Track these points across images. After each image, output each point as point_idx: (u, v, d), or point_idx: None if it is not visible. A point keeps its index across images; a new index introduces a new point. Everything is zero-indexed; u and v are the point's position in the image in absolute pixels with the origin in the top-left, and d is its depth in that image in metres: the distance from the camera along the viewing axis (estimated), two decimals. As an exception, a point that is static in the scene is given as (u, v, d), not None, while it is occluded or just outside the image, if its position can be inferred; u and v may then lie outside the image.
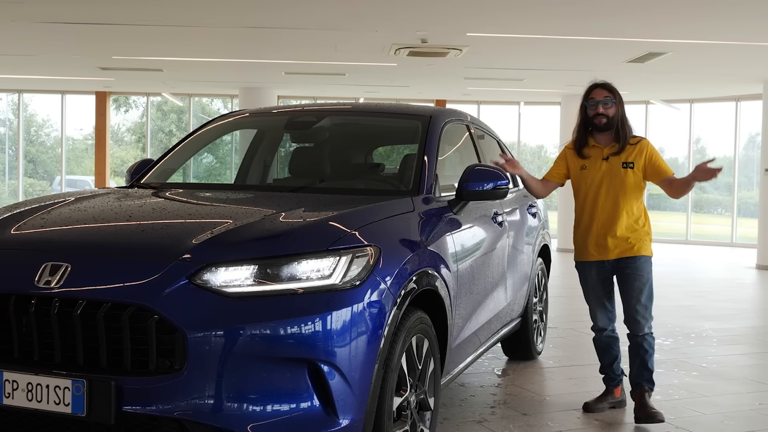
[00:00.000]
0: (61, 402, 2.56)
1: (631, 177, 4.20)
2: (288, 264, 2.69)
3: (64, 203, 3.35)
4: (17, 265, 2.78)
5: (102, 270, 2.66)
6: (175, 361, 2.53)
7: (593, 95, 4.25)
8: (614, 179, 4.20)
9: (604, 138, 4.27)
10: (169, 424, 2.54)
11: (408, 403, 3.11)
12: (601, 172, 4.23)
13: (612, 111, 4.21)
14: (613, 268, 4.27)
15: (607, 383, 4.46)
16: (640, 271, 4.20)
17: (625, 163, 4.20)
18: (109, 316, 2.56)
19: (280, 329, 2.60)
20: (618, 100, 4.25)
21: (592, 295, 4.39)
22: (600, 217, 4.22)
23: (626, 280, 4.22)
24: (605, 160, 4.23)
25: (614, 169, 4.21)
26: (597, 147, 4.27)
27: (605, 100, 4.21)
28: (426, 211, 3.55)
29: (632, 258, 4.21)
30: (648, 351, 4.22)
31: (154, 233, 2.92)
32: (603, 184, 4.22)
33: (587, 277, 4.37)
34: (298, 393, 2.61)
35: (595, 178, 4.24)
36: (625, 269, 4.22)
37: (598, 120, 4.21)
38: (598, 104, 4.21)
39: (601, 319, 4.39)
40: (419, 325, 3.15)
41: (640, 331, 4.20)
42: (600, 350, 4.44)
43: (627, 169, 4.19)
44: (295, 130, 4.55)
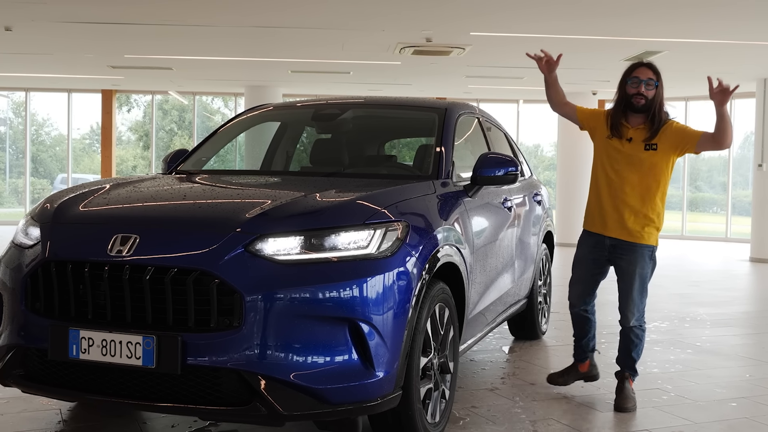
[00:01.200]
0: (132, 356, 2.92)
1: (653, 158, 4.07)
2: (330, 235, 3.05)
3: (119, 185, 3.71)
4: (90, 237, 3.14)
5: (167, 240, 3.03)
6: (234, 319, 2.89)
7: (637, 73, 4.10)
8: (634, 161, 4.08)
9: (635, 119, 4.12)
10: (228, 374, 2.90)
11: (432, 364, 3.47)
12: (623, 153, 4.11)
13: (652, 93, 4.06)
14: (612, 251, 4.19)
15: (575, 356, 4.48)
16: (638, 262, 4.13)
17: (647, 145, 4.07)
18: (175, 280, 2.92)
19: (324, 292, 2.96)
20: (660, 83, 4.11)
21: (578, 268, 4.34)
22: (614, 193, 4.13)
23: (621, 267, 4.18)
24: (628, 141, 4.10)
25: (635, 151, 4.08)
26: (624, 126, 4.14)
27: (648, 81, 4.06)
28: (444, 194, 3.91)
29: (633, 245, 4.13)
30: (633, 342, 4.23)
31: (211, 209, 3.29)
32: (621, 165, 4.11)
33: (582, 248, 4.32)
34: (339, 348, 2.97)
35: (617, 157, 4.13)
36: (624, 256, 4.15)
37: (637, 100, 4.06)
38: (641, 83, 4.06)
39: (573, 294, 4.36)
40: (441, 295, 3.51)
41: (627, 322, 4.21)
42: (573, 322, 4.45)
43: (649, 150, 4.07)
44: (321, 122, 4.92)
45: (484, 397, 4.34)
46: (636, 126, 4.13)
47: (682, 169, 18.93)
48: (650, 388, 4.63)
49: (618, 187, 4.12)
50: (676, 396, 4.47)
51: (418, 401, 3.29)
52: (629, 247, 4.15)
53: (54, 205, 3.42)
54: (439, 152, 4.18)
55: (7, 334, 3.27)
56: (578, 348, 4.45)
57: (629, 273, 4.15)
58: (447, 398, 3.64)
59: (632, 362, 4.29)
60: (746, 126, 18.27)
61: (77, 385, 3.10)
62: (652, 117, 4.09)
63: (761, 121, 14.06)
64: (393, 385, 3.09)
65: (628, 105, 4.10)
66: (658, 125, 4.08)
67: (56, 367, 3.13)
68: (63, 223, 3.27)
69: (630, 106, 4.09)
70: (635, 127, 4.13)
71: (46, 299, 3.13)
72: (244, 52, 12.54)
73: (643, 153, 4.08)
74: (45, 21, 10.05)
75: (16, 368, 3.23)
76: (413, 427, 3.30)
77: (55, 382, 3.15)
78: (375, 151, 4.92)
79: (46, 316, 3.11)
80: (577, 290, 4.36)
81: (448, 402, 3.66)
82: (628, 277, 4.16)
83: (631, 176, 4.10)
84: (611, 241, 4.19)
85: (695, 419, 4.02)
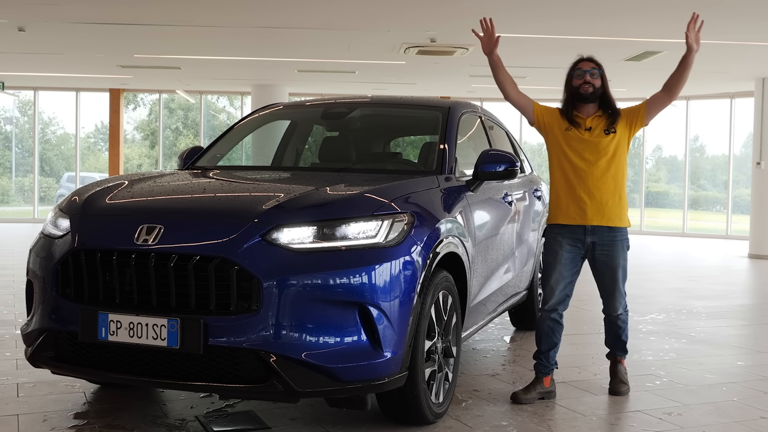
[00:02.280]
0: (158, 337, 3.15)
1: (615, 142, 4.18)
2: (341, 226, 3.28)
3: (141, 180, 3.94)
4: (118, 228, 3.37)
5: (190, 230, 3.26)
6: (252, 303, 3.11)
7: (580, 66, 4.27)
8: (595, 148, 4.16)
9: (588, 109, 4.23)
10: (247, 354, 3.13)
11: (436, 347, 3.70)
12: (583, 141, 4.18)
13: (598, 81, 4.22)
14: (590, 246, 4.19)
15: (538, 371, 4.27)
16: (616, 252, 4.18)
17: (606, 130, 4.19)
18: (198, 267, 3.14)
19: (336, 278, 3.19)
20: (603, 73, 4.27)
21: (553, 270, 4.23)
22: (586, 182, 4.15)
23: (602, 261, 4.20)
24: (587, 130, 4.19)
25: (596, 138, 4.17)
26: (580, 118, 4.23)
27: (591, 71, 4.22)
28: (447, 188, 4.13)
29: (612, 232, 4.17)
30: (621, 327, 4.38)
31: (229, 201, 3.53)
32: (584, 154, 4.16)
33: (558, 254, 4.21)
34: (349, 330, 3.20)
35: (577, 147, 4.19)
36: (604, 251, 4.18)
37: (584, 89, 4.20)
38: (585, 73, 4.22)
39: (552, 297, 4.23)
40: (444, 283, 3.74)
41: (615, 311, 4.33)
42: (541, 333, 4.28)
43: (610, 134, 4.18)
44: (330, 120, 5.15)
45: (486, 382, 4.57)
46: (590, 116, 4.23)
47: (684, 167, 19.12)
48: (644, 374, 4.85)
49: (589, 176, 4.15)
50: (669, 381, 4.68)
51: (423, 381, 3.52)
52: (609, 238, 4.18)
53: (82, 198, 3.65)
54: (442, 149, 4.40)
55: (38, 319, 3.51)
56: (543, 361, 4.27)
57: (612, 267, 4.21)
58: (450, 381, 3.87)
59: (623, 344, 4.45)
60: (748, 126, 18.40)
61: (105, 365, 3.34)
62: (606, 104, 4.24)
63: (759, 120, 14.27)
64: (400, 366, 3.32)
65: (577, 97, 4.22)
66: (615, 112, 4.22)
67: (85, 349, 3.36)
68: (91, 215, 3.51)
69: (579, 96, 4.21)
70: (590, 116, 4.23)
71: (76, 285, 3.36)
72: (251, 52, 12.78)
73: (605, 138, 4.18)
74: (57, 21, 10.29)
75: (47, 350, 3.47)
76: (418, 406, 3.53)
77: (85, 363, 3.39)
78: (381, 148, 5.16)
79: (76, 302, 3.34)
80: (556, 292, 4.23)
81: (451, 384, 3.88)
82: (612, 271, 4.22)
83: (600, 162, 4.15)
84: (592, 236, 4.18)
85: (685, 402, 4.24)
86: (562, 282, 4.22)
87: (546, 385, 4.26)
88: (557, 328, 4.29)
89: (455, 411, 3.94)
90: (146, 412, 3.85)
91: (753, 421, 3.92)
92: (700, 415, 4.01)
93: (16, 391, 4.18)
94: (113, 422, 3.66)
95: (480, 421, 3.82)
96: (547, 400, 4.21)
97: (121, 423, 3.65)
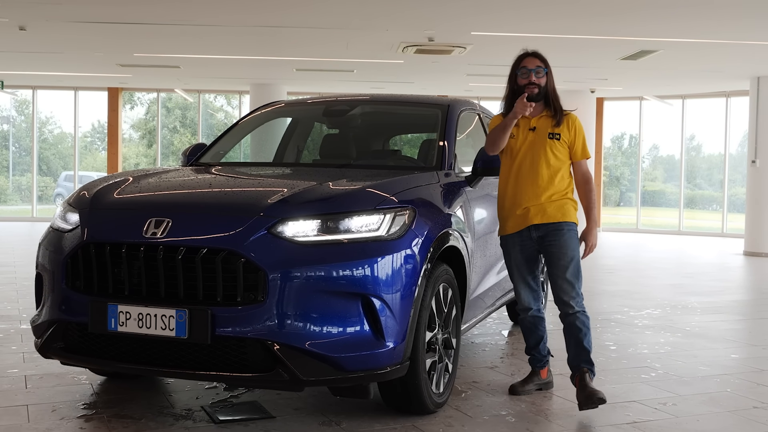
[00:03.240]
0: (167, 327, 3.23)
1: (557, 147, 3.99)
2: (344, 219, 3.37)
3: (148, 175, 4.02)
4: (126, 221, 3.46)
5: (197, 223, 3.34)
6: (258, 294, 3.20)
7: (525, 63, 4.06)
8: (540, 149, 3.98)
9: (534, 109, 4.02)
10: (253, 344, 3.22)
11: (436, 339, 3.79)
12: (527, 143, 4.01)
13: (544, 81, 4.03)
14: (538, 240, 4.03)
15: (533, 364, 4.28)
16: (565, 243, 3.96)
17: (551, 133, 4.00)
18: (205, 259, 3.23)
19: (340, 270, 3.28)
20: (549, 70, 4.09)
21: (515, 271, 4.13)
22: (523, 187, 4.00)
23: (551, 254, 3.99)
24: (532, 130, 4.02)
25: (540, 140, 4.00)
26: (525, 118, 4.03)
27: (537, 69, 4.03)
28: (447, 183, 4.23)
29: (556, 225, 3.97)
30: (581, 329, 3.98)
31: (235, 195, 3.62)
32: (528, 155, 4.00)
33: (511, 252, 4.12)
34: (353, 320, 3.29)
35: (522, 149, 4.02)
36: (550, 241, 3.98)
37: (530, 90, 3.99)
38: (530, 72, 4.01)
39: (526, 298, 4.14)
40: (445, 276, 3.83)
41: (569, 309, 3.97)
42: (525, 330, 4.24)
43: (553, 140, 3.99)
44: (331, 117, 5.24)
45: (485, 374, 4.66)
46: (536, 115, 4.05)
47: (680, 166, 19.24)
48: (639, 366, 4.94)
49: (531, 180, 3.98)
50: (664, 373, 4.78)
51: (424, 371, 3.61)
52: (555, 230, 3.98)
53: (91, 192, 3.74)
54: (442, 145, 4.50)
55: (47, 311, 3.59)
56: (536, 355, 4.26)
57: (562, 255, 3.96)
58: (450, 372, 3.96)
59: (586, 354, 3.99)
60: (744, 125, 18.50)
61: (114, 355, 3.42)
62: (547, 103, 4.06)
63: (754, 118, 14.39)
64: (402, 356, 3.41)
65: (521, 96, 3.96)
66: (561, 112, 4.03)
67: (94, 340, 3.45)
68: (100, 209, 3.59)
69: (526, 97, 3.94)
70: (535, 116, 4.05)
71: (85, 278, 3.44)
72: (250, 51, 12.86)
73: (548, 141, 3.99)
74: (58, 20, 10.36)
75: (57, 341, 3.56)
76: (419, 396, 3.62)
77: (94, 354, 3.47)
78: (382, 145, 5.25)
79: (85, 293, 3.43)
80: (526, 293, 4.15)
81: (451, 375, 3.97)
82: (561, 260, 3.96)
83: (539, 165, 3.97)
84: (536, 233, 4.03)
85: (680, 392, 4.33)
86: (523, 281, 4.13)
87: (543, 377, 4.32)
88: (538, 322, 4.20)
89: (455, 401, 4.03)
90: (153, 402, 3.93)
91: (746, 411, 4.02)
92: (695, 405, 4.11)
93: (25, 382, 4.26)
94: (121, 412, 3.74)
95: (479, 410, 3.91)
96: (544, 391, 4.30)
97: (128, 413, 3.73)
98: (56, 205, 24.46)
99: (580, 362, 3.99)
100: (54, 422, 3.59)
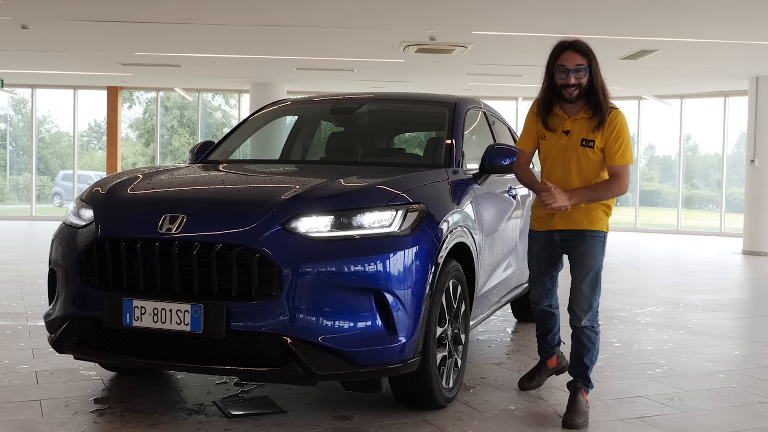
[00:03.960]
0: (182, 322, 3.26)
1: (588, 157, 3.68)
2: (357, 215, 3.41)
3: (159, 172, 4.05)
4: (141, 217, 3.49)
5: (212, 219, 3.37)
6: (272, 289, 3.23)
7: (563, 61, 3.62)
8: (571, 156, 3.70)
9: (572, 108, 3.68)
10: (268, 338, 3.25)
11: (446, 334, 3.82)
12: (558, 146, 3.72)
13: (585, 80, 3.59)
14: (560, 243, 3.84)
15: (542, 353, 4.24)
16: (586, 251, 3.72)
17: (584, 140, 3.64)
18: (220, 255, 3.26)
19: (353, 265, 3.31)
20: (593, 64, 3.62)
21: (534, 266, 4.01)
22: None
23: (572, 259, 3.78)
24: (565, 133, 3.69)
25: (573, 146, 3.68)
26: (560, 116, 3.72)
27: (578, 68, 3.58)
28: (456, 180, 4.26)
29: (579, 232, 3.73)
30: (586, 345, 3.76)
31: (249, 192, 3.65)
32: (559, 160, 3.74)
33: (534, 248, 3.98)
34: (365, 315, 3.32)
35: (552, 151, 3.76)
36: (574, 247, 3.76)
37: (569, 92, 3.60)
38: (569, 73, 3.58)
39: (536, 293, 4.00)
40: (454, 272, 3.86)
41: (577, 322, 3.74)
42: (536, 319, 4.15)
43: (586, 148, 3.66)
44: (339, 115, 5.27)
45: (492, 370, 4.70)
46: (574, 114, 3.69)
47: (678, 166, 19.30)
48: (644, 362, 4.99)
49: (557, 180, 3.72)
50: (669, 369, 4.82)
51: (435, 366, 3.64)
52: (580, 237, 3.74)
53: (104, 188, 3.77)
54: (450, 143, 4.53)
55: (61, 306, 3.62)
56: (544, 345, 4.20)
57: (582, 264, 3.73)
58: (459, 367, 4.00)
59: (585, 370, 3.81)
60: (741, 125, 18.55)
61: (128, 350, 3.45)
62: (595, 105, 3.63)
63: (753, 118, 14.45)
64: (413, 350, 3.44)
65: (561, 97, 3.66)
66: (603, 115, 3.60)
67: (109, 335, 3.48)
68: (115, 205, 3.62)
69: (563, 98, 3.65)
70: (573, 117, 3.69)
71: (100, 273, 3.47)
72: (251, 50, 12.89)
73: (579, 149, 3.66)
74: (61, 19, 10.37)
75: (71, 336, 3.58)
76: (430, 390, 3.65)
77: (108, 348, 3.50)
78: (390, 142, 5.29)
79: (100, 289, 3.46)
80: (537, 289, 4.01)
81: (460, 370, 4.01)
82: (581, 269, 3.73)
83: (572, 169, 3.70)
84: (560, 237, 3.82)
85: (686, 388, 4.37)
86: (537, 279, 3.99)
87: (551, 366, 4.29)
88: (549, 316, 4.08)
89: (464, 396, 4.07)
90: (164, 397, 3.96)
91: (752, 406, 4.06)
92: (701, 400, 4.15)
93: (36, 378, 4.29)
94: (133, 407, 3.77)
95: (488, 405, 3.95)
96: (552, 387, 4.33)
97: (141, 407, 3.76)
98: (54, 204, 24.50)
99: (577, 375, 3.83)
100: (68, 416, 3.62)
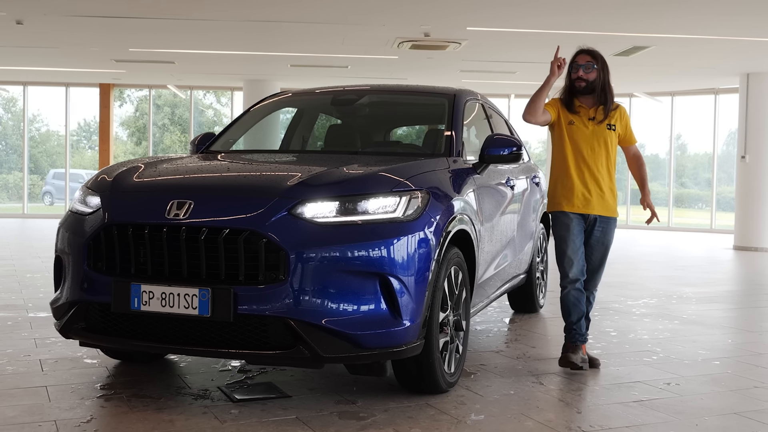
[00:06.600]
0: (190, 306, 3.31)
1: (612, 139, 4.48)
2: (362, 201, 3.46)
3: (163, 161, 4.09)
4: (149, 203, 3.53)
5: (219, 205, 3.42)
6: (279, 273, 3.28)
7: (577, 59, 4.51)
8: (600, 139, 4.43)
9: (588, 100, 4.48)
10: (275, 322, 3.30)
11: (448, 320, 3.88)
12: (589, 131, 4.44)
13: (592, 75, 4.44)
14: (591, 224, 4.48)
15: (576, 340, 4.46)
16: (611, 235, 4.53)
17: (609, 124, 4.46)
18: (227, 240, 3.31)
19: (359, 250, 3.36)
20: (601, 65, 4.48)
21: (571, 244, 4.43)
22: (588, 173, 4.42)
23: (597, 239, 4.49)
24: (591, 120, 4.45)
25: (601, 129, 4.45)
26: (583, 107, 4.48)
27: (587, 65, 4.45)
28: (456, 169, 4.32)
29: (612, 219, 4.51)
30: (592, 304, 4.61)
31: (255, 178, 3.70)
32: (587, 143, 4.43)
33: (569, 226, 4.43)
34: (370, 299, 3.38)
35: (584, 134, 4.44)
36: (603, 230, 4.48)
37: (578, 84, 4.45)
38: (579, 68, 4.46)
39: (576, 269, 4.43)
40: (456, 259, 3.92)
41: (594, 287, 4.59)
42: (569, 305, 4.46)
43: (611, 131, 4.47)
44: (339, 107, 5.32)
45: (491, 358, 4.76)
46: (592, 107, 4.49)
47: (668, 165, 19.42)
48: (641, 350, 5.06)
49: (593, 166, 4.43)
50: (665, 356, 4.90)
51: (437, 351, 3.70)
52: (606, 221, 4.50)
53: (111, 176, 3.81)
54: (450, 133, 4.59)
55: (68, 292, 3.66)
56: (578, 329, 4.45)
57: (603, 243, 4.51)
58: (460, 353, 4.06)
59: (587, 324, 4.56)
60: (731, 124, 18.66)
61: (136, 334, 3.49)
62: (599, 97, 4.47)
63: (744, 114, 14.58)
64: (417, 334, 3.50)
65: (574, 89, 4.48)
66: (608, 105, 4.47)
67: (116, 320, 3.52)
68: (121, 192, 3.66)
69: (575, 89, 4.47)
70: (592, 107, 4.49)
71: (107, 259, 3.51)
72: (245, 46, 12.91)
73: (606, 132, 4.46)
74: (56, 14, 10.38)
75: (79, 321, 3.62)
76: (433, 375, 3.71)
77: (115, 333, 3.54)
78: (390, 134, 5.34)
79: (107, 274, 3.50)
80: (578, 265, 4.43)
81: (461, 356, 4.07)
82: (602, 248, 4.52)
83: (601, 154, 4.45)
84: (592, 219, 4.48)
85: (682, 374, 4.45)
86: (576, 254, 4.43)
87: (583, 353, 4.43)
88: (581, 296, 4.48)
89: (465, 382, 4.13)
90: (169, 383, 4.00)
91: (747, 390, 4.14)
92: (698, 384, 4.22)
93: (40, 366, 4.32)
94: (139, 392, 3.81)
95: (489, 390, 4.01)
96: (552, 373, 4.40)
97: (147, 393, 3.80)
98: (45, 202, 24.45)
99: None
100: (75, 401, 3.66)
